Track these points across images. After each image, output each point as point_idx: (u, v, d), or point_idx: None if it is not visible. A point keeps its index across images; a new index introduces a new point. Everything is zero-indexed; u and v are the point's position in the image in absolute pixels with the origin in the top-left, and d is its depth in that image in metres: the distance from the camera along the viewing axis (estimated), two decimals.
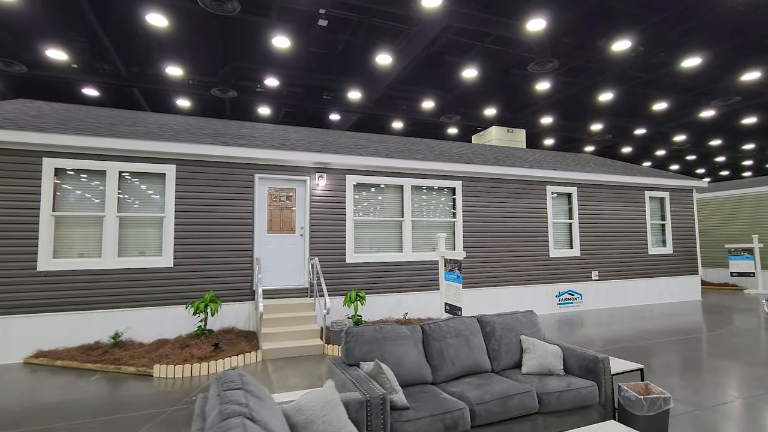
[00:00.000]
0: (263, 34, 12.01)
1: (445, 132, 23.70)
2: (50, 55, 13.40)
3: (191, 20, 11.43)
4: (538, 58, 13.28)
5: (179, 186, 7.19)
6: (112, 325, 6.63)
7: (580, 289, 10.41)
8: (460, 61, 13.95)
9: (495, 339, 4.06)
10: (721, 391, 4.68)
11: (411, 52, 12.85)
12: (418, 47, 12.51)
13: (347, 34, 12.47)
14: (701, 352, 6.33)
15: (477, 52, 13.19)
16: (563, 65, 14.05)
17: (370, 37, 12.54)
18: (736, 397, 4.50)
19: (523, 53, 13.15)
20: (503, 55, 13.45)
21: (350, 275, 8.21)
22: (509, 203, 9.81)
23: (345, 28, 12.18)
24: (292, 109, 20.12)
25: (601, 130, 23.25)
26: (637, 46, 12.94)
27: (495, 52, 13.25)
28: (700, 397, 4.50)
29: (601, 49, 12.86)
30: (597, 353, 3.75)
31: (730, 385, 4.92)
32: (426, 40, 11.97)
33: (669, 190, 11.94)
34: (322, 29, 12.12)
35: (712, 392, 4.66)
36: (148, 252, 7.01)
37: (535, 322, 4.35)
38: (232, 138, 8.17)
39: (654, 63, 14.13)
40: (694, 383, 4.96)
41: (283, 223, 7.99)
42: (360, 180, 8.50)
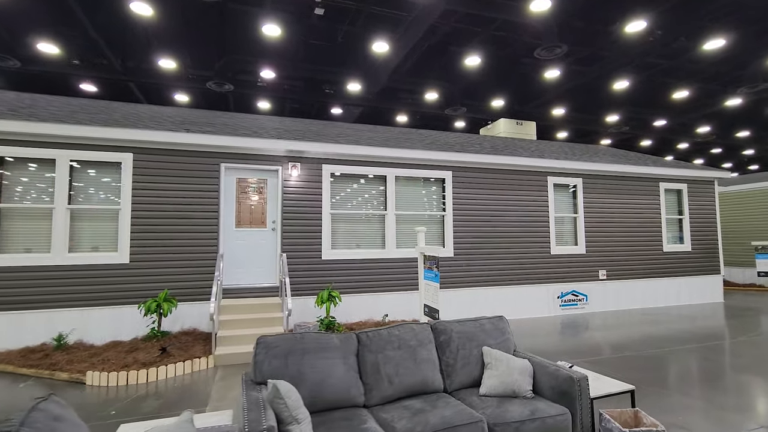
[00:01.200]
0: (258, 25, 11.44)
1: (452, 125, 22.88)
2: (42, 49, 13.17)
3: (182, 10, 10.97)
4: (544, 42, 12.38)
5: (137, 176, 6.65)
6: (62, 325, 6.14)
7: (586, 290, 9.51)
8: (463, 50, 13.14)
9: (450, 351, 3.34)
10: (741, 418, 3.83)
11: (410, 40, 12.10)
12: (417, 34, 11.77)
13: (346, 23, 11.85)
14: (719, 364, 5.45)
15: (480, 40, 12.36)
16: (574, 53, 13.10)
17: (368, 25, 11.87)
18: (761, 428, 3.65)
19: (528, 39, 12.27)
20: (508, 41, 12.60)
21: (326, 273, 7.56)
22: (506, 196, 8.99)
23: (343, 17, 11.55)
24: (295, 104, 19.64)
25: (617, 122, 22.05)
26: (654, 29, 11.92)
27: (499, 39, 12.41)
28: (713, 427, 3.66)
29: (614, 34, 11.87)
30: (572, 371, 2.99)
31: (755, 408, 4.06)
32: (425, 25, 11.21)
33: (687, 181, 10.89)
34: (320, 19, 11.51)
35: (731, 419, 3.82)
36: (102, 247, 6.50)
37: (503, 330, 3.61)
38: (200, 126, 7.62)
39: (674, 48, 13.05)
40: (707, 406, 4.11)
41: (252, 216, 7.39)
42: (338, 170, 7.83)
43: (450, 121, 22.17)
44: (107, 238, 6.52)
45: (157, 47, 13.25)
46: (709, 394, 4.37)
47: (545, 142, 14.11)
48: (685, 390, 4.50)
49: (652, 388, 4.56)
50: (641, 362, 5.56)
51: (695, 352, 6.05)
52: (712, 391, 4.48)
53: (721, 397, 4.31)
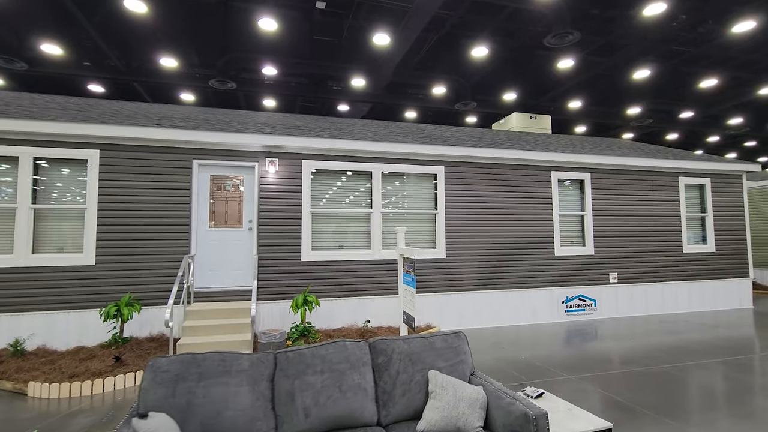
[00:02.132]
0: (260, 21, 11.08)
1: (464, 120, 22.17)
2: (47, 51, 13.23)
3: (182, 7, 10.74)
4: (555, 29, 11.60)
5: (103, 174, 6.35)
6: (25, 330, 5.89)
7: (594, 294, 8.74)
8: (469, 41, 12.46)
9: (389, 375, 2.80)
10: None
11: (413, 32, 11.50)
12: (421, 25, 11.16)
13: (349, 17, 11.40)
14: (744, 384, 4.69)
15: (487, 29, 11.64)
16: (588, 41, 12.23)
17: (371, 18, 11.38)
18: None
19: (538, 26, 11.49)
20: (516, 30, 11.84)
21: (306, 276, 7.10)
22: (505, 192, 8.32)
23: (345, 10, 11.08)
24: (303, 102, 19.33)
25: (639, 115, 20.83)
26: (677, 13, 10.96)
27: (507, 27, 11.67)
28: None
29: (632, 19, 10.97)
30: (529, 406, 2.40)
31: None
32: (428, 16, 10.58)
33: (711, 175, 9.92)
34: (322, 13, 11.11)
35: None
36: (67, 248, 6.23)
37: (458, 349, 3.04)
38: (176, 121, 7.28)
39: (701, 34, 12.02)
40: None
41: (228, 215, 7.00)
42: (319, 166, 7.36)
43: (461, 116, 21.47)
44: (73, 238, 6.24)
45: (159, 46, 13.11)
46: (730, 427, 3.67)
47: (561, 135, 13.25)
48: (697, 420, 3.80)
49: (655, 415, 3.89)
50: (647, 380, 4.86)
51: (715, 368, 5.29)
52: (734, 420, 3.77)
53: (744, 427, 3.61)
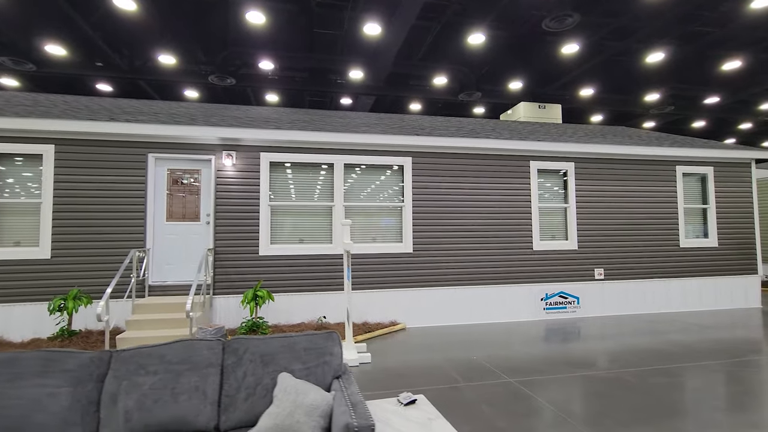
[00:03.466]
0: (257, 15, 11.00)
1: (471, 112, 21.59)
2: (50, 51, 13.63)
3: (178, 3, 10.81)
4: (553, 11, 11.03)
5: (59, 168, 6.42)
6: None
7: (577, 291, 8.23)
8: (469, 29, 11.95)
9: (235, 378, 2.60)
10: None
11: (408, 19, 11.11)
12: (415, 12, 10.75)
13: (348, 9, 11.18)
14: (697, 394, 4.23)
15: (488, 17, 11.09)
16: (596, 23, 11.47)
17: (367, 7, 11.09)
18: None
19: (536, 11, 10.89)
20: (515, 14, 11.25)
21: (264, 270, 6.98)
22: (477, 183, 7.92)
23: (344, 1, 10.86)
24: (312, 97, 19.29)
25: (658, 102, 19.66)
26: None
27: (507, 12, 11.10)
28: None
29: None
30: (352, 419, 2.15)
31: None
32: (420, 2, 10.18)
33: (714, 163, 9.15)
34: (321, 6, 10.95)
35: None
36: (23, 242, 6.34)
37: (325, 351, 2.80)
38: (134, 114, 7.29)
39: (724, 13, 11.09)
40: None
41: (185, 209, 6.96)
42: (277, 158, 7.20)
43: (467, 108, 20.92)
44: (29, 232, 6.35)
45: (156, 43, 13.27)
46: None
47: (568, 125, 12.60)
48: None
49: (576, 424, 3.53)
50: (597, 385, 4.46)
51: (678, 374, 4.81)
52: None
53: None
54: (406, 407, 2.70)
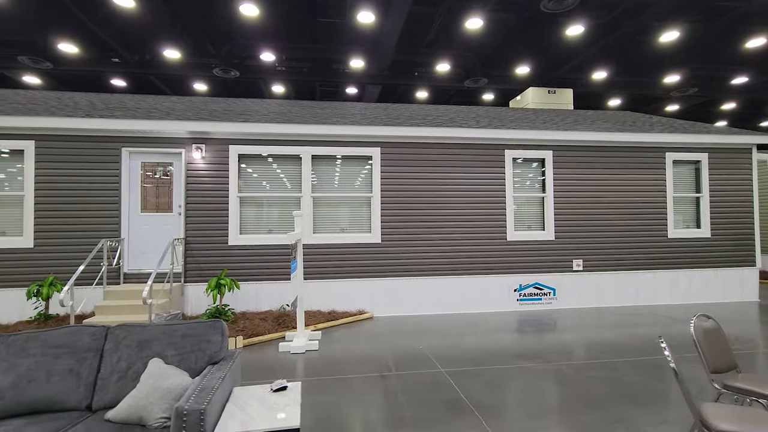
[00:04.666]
0: (257, 5, 11.15)
1: (479, 99, 21.18)
2: (65, 50, 14.29)
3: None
4: None
5: (39, 163, 6.83)
6: None
7: (554, 283, 8.07)
8: (468, 11, 11.65)
9: (110, 362, 2.79)
10: None
11: (405, 4, 10.93)
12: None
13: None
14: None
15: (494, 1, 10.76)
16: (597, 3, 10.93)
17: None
18: None
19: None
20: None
21: (233, 259, 7.23)
22: (448, 174, 7.85)
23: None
24: (322, 87, 19.44)
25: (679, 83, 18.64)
26: None
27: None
28: None
29: None
30: (189, 403, 2.27)
31: None
32: None
33: (708, 149, 8.66)
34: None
35: None
36: (9, 232, 6.82)
37: (203, 339, 2.94)
38: (111, 111, 7.61)
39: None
40: None
41: (159, 200, 7.27)
42: (245, 150, 7.37)
43: (475, 94, 20.53)
44: (14, 223, 6.82)
45: (160, 37, 13.62)
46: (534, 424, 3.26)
47: (578, 111, 12.20)
48: (515, 418, 3.42)
49: (480, 414, 3.55)
50: (527, 378, 4.43)
51: (617, 368, 4.70)
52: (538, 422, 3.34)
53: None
54: (273, 393, 2.81)
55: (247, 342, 5.80)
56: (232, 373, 2.92)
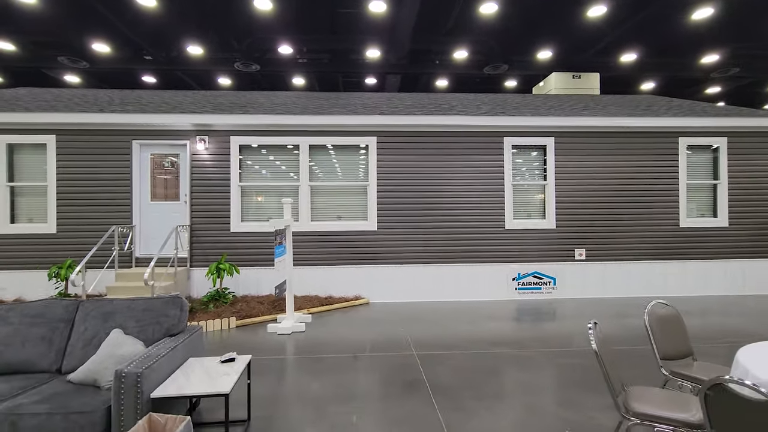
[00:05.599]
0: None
1: (501, 86, 20.73)
2: (98, 49, 15.21)
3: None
4: None
5: (60, 156, 7.42)
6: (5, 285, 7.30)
7: (554, 272, 7.94)
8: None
9: (78, 331, 3.12)
10: None
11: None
12: None
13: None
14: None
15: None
16: None
17: None
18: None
19: None
20: None
21: (235, 245, 7.59)
22: (445, 161, 7.85)
23: None
24: (352, 78, 19.60)
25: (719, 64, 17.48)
26: None
27: None
28: None
29: None
30: (129, 367, 2.53)
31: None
32: None
33: (728, 134, 8.17)
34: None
35: None
36: (35, 219, 7.48)
37: (162, 313, 3.22)
38: (123, 106, 8.12)
39: None
40: None
41: (167, 190, 7.72)
42: (246, 141, 7.68)
43: (496, 81, 20.11)
44: (39, 211, 7.46)
45: (182, 35, 14.19)
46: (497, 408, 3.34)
47: (602, 96, 11.82)
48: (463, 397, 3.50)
49: (434, 393, 3.66)
50: (493, 363, 4.48)
51: (579, 357, 4.66)
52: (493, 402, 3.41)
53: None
54: (221, 364, 3.04)
55: (240, 323, 6.13)
56: (187, 344, 3.18)
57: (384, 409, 3.42)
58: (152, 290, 6.19)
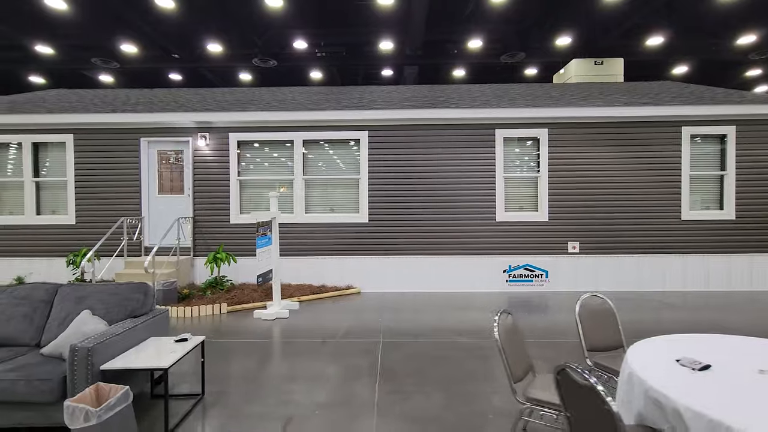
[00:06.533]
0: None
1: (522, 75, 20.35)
2: (125, 50, 16.13)
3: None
4: None
5: (77, 153, 8.09)
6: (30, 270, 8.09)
7: (547, 265, 7.91)
8: None
9: (56, 311, 3.55)
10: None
11: None
12: None
13: None
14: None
15: None
16: None
17: None
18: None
19: None
20: None
21: (235, 236, 8.04)
22: (435, 154, 7.94)
23: None
24: (372, 70, 19.77)
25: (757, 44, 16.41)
26: None
27: None
28: None
29: None
30: (81, 343, 2.91)
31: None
32: None
33: (736, 122, 7.79)
34: None
35: None
36: (58, 211, 8.21)
37: (126, 297, 3.60)
38: (131, 105, 8.69)
39: None
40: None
41: (173, 184, 8.25)
42: (244, 137, 8.07)
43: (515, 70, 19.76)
44: (61, 203, 8.19)
45: (203, 34, 14.81)
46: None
47: (627, 83, 11.51)
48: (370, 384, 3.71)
49: (355, 376, 3.90)
50: (451, 352, 4.65)
51: (562, 348, 4.73)
52: None
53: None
54: (174, 343, 3.40)
55: (231, 309, 6.57)
56: (149, 325, 3.56)
57: (329, 389, 3.68)
58: (153, 277, 6.73)
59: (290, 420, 3.15)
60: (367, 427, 3.04)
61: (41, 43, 14.91)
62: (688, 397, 1.73)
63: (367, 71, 20.36)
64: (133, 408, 2.77)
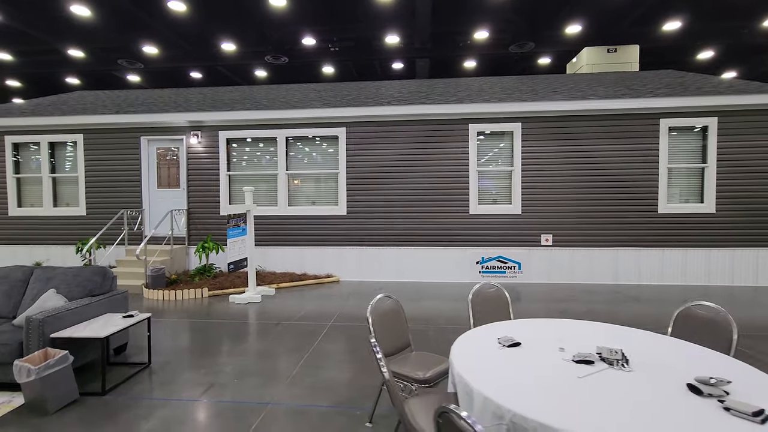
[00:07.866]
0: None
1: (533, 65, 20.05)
2: (148, 51, 17.17)
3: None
4: None
5: (86, 151, 8.93)
6: (47, 255, 9.05)
7: (520, 257, 8.07)
8: None
9: (29, 289, 4.19)
10: None
11: None
12: None
13: None
14: None
15: None
16: None
17: None
18: None
19: None
20: None
21: (224, 227, 8.66)
22: (411, 148, 8.22)
23: None
24: (386, 64, 20.06)
25: None
26: None
27: None
28: None
29: None
30: (35, 315, 3.51)
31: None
32: None
33: (718, 113, 7.61)
34: None
35: None
36: (71, 204, 9.11)
37: (87, 278, 4.20)
38: (134, 106, 9.44)
39: None
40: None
41: (170, 179, 8.96)
42: (232, 135, 8.64)
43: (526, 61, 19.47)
44: (73, 197, 9.08)
45: (215, 33, 15.51)
46: None
47: (639, 73, 11.38)
48: None
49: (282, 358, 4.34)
50: None
51: None
52: None
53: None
54: (122, 318, 3.96)
55: (212, 293, 7.19)
56: (105, 303, 4.15)
57: (260, 363, 4.16)
58: (145, 264, 7.44)
59: (211, 386, 3.65)
60: (273, 393, 3.49)
61: (73, 47, 16.09)
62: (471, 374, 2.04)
63: (382, 64, 20.56)
64: (72, 369, 3.34)
